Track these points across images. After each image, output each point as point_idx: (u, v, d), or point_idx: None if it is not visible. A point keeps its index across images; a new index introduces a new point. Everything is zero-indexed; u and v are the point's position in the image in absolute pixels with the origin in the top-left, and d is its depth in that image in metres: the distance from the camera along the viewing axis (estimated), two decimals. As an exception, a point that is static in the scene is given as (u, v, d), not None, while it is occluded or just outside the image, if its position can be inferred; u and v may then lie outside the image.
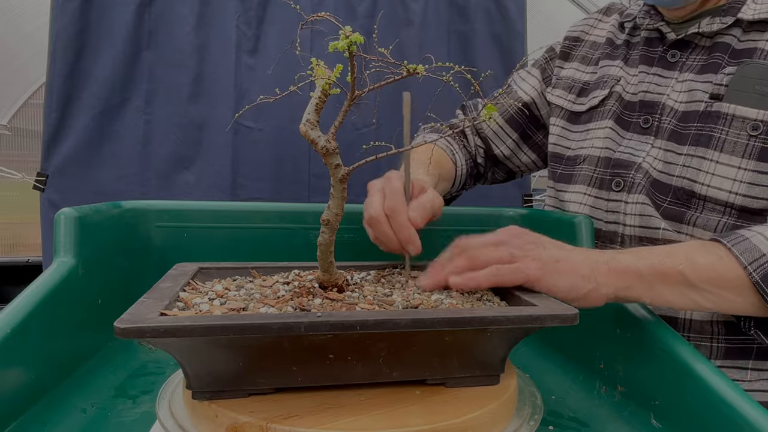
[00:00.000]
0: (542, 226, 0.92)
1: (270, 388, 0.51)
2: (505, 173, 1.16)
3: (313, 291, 0.59)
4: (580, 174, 0.94)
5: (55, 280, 0.65)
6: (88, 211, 0.75)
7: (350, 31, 0.46)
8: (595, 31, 1.03)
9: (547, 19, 2.70)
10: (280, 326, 0.45)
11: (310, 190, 1.79)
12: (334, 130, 0.52)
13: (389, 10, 1.80)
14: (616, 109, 0.91)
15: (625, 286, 0.63)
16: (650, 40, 0.91)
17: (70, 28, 1.65)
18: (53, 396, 0.61)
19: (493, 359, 0.56)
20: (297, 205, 0.95)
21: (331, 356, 0.51)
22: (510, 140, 1.10)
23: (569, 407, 0.66)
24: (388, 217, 0.71)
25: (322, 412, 0.49)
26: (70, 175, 1.69)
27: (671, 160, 0.81)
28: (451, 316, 0.50)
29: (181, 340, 0.47)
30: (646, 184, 0.83)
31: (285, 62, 1.64)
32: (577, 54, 1.03)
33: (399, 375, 0.54)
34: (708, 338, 0.79)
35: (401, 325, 0.48)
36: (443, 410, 0.51)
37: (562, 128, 1.00)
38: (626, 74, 0.92)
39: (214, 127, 1.74)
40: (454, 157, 1.06)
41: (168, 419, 0.52)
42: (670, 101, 0.84)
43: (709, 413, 0.53)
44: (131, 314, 0.47)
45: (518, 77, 1.11)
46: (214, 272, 0.67)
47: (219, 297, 0.56)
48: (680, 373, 0.58)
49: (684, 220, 0.79)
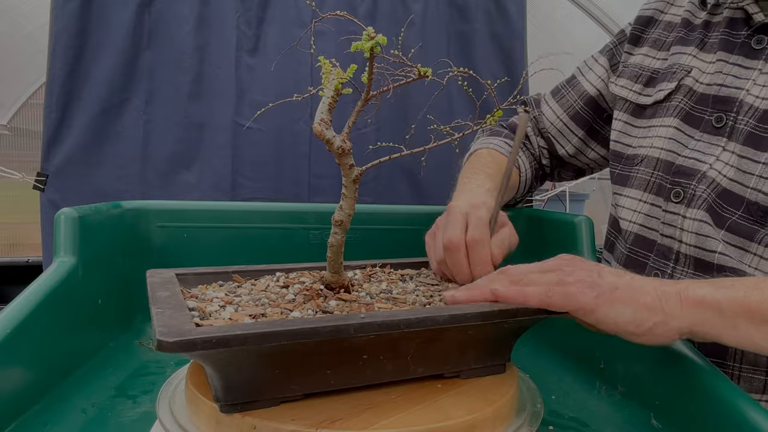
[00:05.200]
0: (542, 226, 0.92)
1: (302, 393, 0.50)
2: (572, 172, 1.07)
3: (323, 293, 0.58)
4: (636, 176, 0.84)
5: (55, 280, 0.65)
6: (88, 211, 0.75)
7: (374, 32, 0.46)
8: (672, 9, 0.89)
9: (547, 19, 2.70)
10: (331, 329, 0.45)
11: (310, 190, 1.79)
12: (348, 130, 0.52)
13: (389, 10, 1.80)
14: (684, 105, 0.79)
15: (702, 321, 0.53)
16: (733, 22, 0.77)
17: (70, 28, 1.65)
18: (53, 396, 0.61)
19: (502, 349, 0.59)
20: (297, 205, 0.95)
21: (365, 357, 0.51)
22: (576, 138, 1.00)
23: (569, 407, 0.66)
24: (468, 248, 0.67)
25: (363, 413, 0.49)
26: (70, 175, 1.69)
27: (746, 169, 0.70)
28: (484, 310, 0.53)
29: (223, 351, 0.44)
30: (709, 198, 0.72)
31: (285, 62, 1.65)
32: (649, 37, 0.90)
33: (423, 371, 0.55)
34: (763, 371, 0.70)
35: (440, 321, 0.50)
36: (473, 402, 0.53)
37: (625, 123, 0.89)
38: (701, 62, 0.80)
39: (214, 127, 1.74)
40: (517, 163, 0.98)
41: (168, 419, 0.52)
42: (750, 97, 0.72)
43: (709, 413, 0.53)
44: (168, 326, 0.44)
45: (584, 66, 1.00)
46: (192, 278, 0.63)
47: (228, 304, 0.54)
48: (680, 373, 0.58)
49: (755, 239, 0.69)
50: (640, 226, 0.82)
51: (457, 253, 0.67)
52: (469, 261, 0.67)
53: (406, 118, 1.75)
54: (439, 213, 0.76)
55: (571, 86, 1.00)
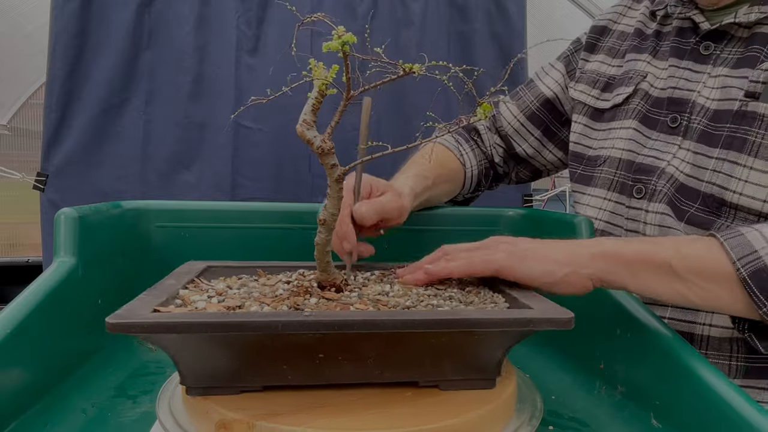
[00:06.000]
0: (542, 226, 0.92)
1: (260, 386, 0.52)
2: (530, 172, 1.11)
3: (311, 290, 0.59)
4: (600, 176, 0.89)
5: (55, 280, 0.65)
6: (88, 211, 0.75)
7: (343, 31, 0.46)
8: (624, 19, 0.96)
9: (547, 19, 2.70)
10: (258, 324, 0.46)
11: (310, 191, 1.79)
12: (330, 130, 0.53)
13: (389, 10, 1.80)
14: (641, 108, 0.85)
15: (608, 270, 0.61)
16: (682, 31, 0.84)
17: (70, 28, 1.65)
18: (53, 396, 0.61)
19: (487, 363, 0.55)
20: (297, 205, 0.95)
21: (320, 356, 0.51)
22: (532, 138, 1.04)
23: (569, 407, 0.66)
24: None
25: (308, 411, 0.49)
26: (70, 175, 1.69)
27: (701, 164, 0.76)
28: (436, 318, 0.49)
29: (172, 337, 0.48)
30: (669, 192, 0.78)
31: (285, 62, 1.65)
32: (604, 45, 0.97)
33: (390, 376, 0.53)
34: (726, 356, 0.75)
35: (385, 326, 0.48)
36: (434, 411, 0.50)
37: (584, 126, 0.94)
38: (655, 68, 0.86)
39: (214, 127, 1.75)
40: (463, 158, 1.03)
41: (168, 419, 0.52)
42: (701, 99, 0.78)
43: (709, 413, 0.53)
44: (125, 310, 0.48)
45: (542, 71, 1.05)
46: (221, 270, 0.68)
47: (218, 295, 0.56)
48: (680, 373, 0.58)
49: (713, 229, 0.74)
50: (606, 222, 0.87)
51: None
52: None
53: (407, 118, 1.75)
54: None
55: (529, 88, 1.05)
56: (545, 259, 0.62)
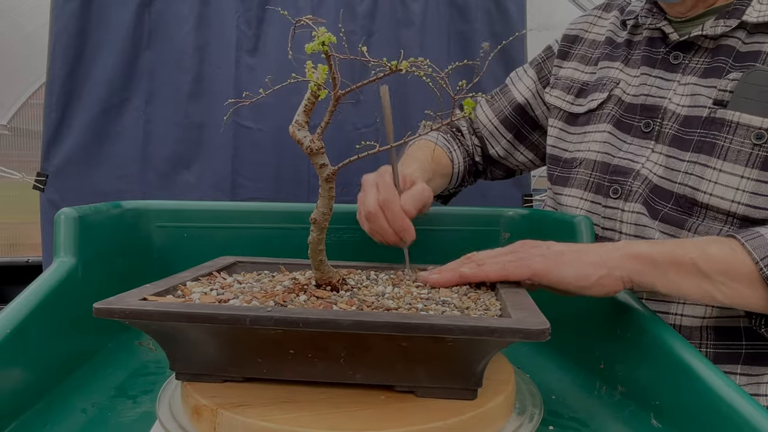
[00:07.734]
0: (542, 226, 0.92)
1: (240, 377, 0.54)
2: (503, 171, 1.17)
3: (307, 288, 0.59)
4: (576, 177, 0.93)
5: (55, 280, 0.65)
6: (88, 211, 0.75)
7: (324, 32, 0.47)
8: (595, 28, 1.01)
9: (547, 19, 2.70)
10: (226, 317, 0.48)
11: (310, 191, 1.79)
12: (320, 130, 0.53)
13: (389, 10, 1.80)
14: (615, 113, 0.89)
15: (639, 271, 0.64)
16: (652, 41, 0.89)
17: (70, 28, 1.65)
18: (53, 396, 0.61)
19: (464, 371, 0.52)
20: (297, 205, 0.95)
21: (291, 351, 0.52)
22: (504, 141, 1.10)
23: (569, 407, 0.66)
24: (383, 210, 0.74)
25: (274, 404, 0.50)
26: (70, 175, 1.69)
27: (673, 166, 0.80)
28: (394, 320, 0.47)
29: (152, 324, 0.51)
30: (643, 192, 0.82)
31: (285, 62, 1.65)
32: (576, 53, 1.02)
33: (362, 378, 0.53)
34: (696, 344, 0.79)
35: (342, 326, 0.47)
36: (401, 417, 0.49)
37: (560, 130, 0.99)
38: (627, 76, 0.90)
39: (214, 127, 1.74)
40: (452, 154, 1.07)
41: (168, 419, 0.52)
42: (672, 105, 0.83)
43: (709, 413, 0.53)
44: (116, 297, 0.51)
45: (515, 76, 1.11)
46: (247, 266, 0.72)
47: (221, 288, 0.59)
48: (680, 373, 0.58)
49: (685, 227, 0.79)
50: None
51: (377, 219, 0.75)
52: (388, 221, 0.74)
53: (407, 118, 1.75)
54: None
55: (503, 93, 1.10)
56: (579, 263, 0.63)
